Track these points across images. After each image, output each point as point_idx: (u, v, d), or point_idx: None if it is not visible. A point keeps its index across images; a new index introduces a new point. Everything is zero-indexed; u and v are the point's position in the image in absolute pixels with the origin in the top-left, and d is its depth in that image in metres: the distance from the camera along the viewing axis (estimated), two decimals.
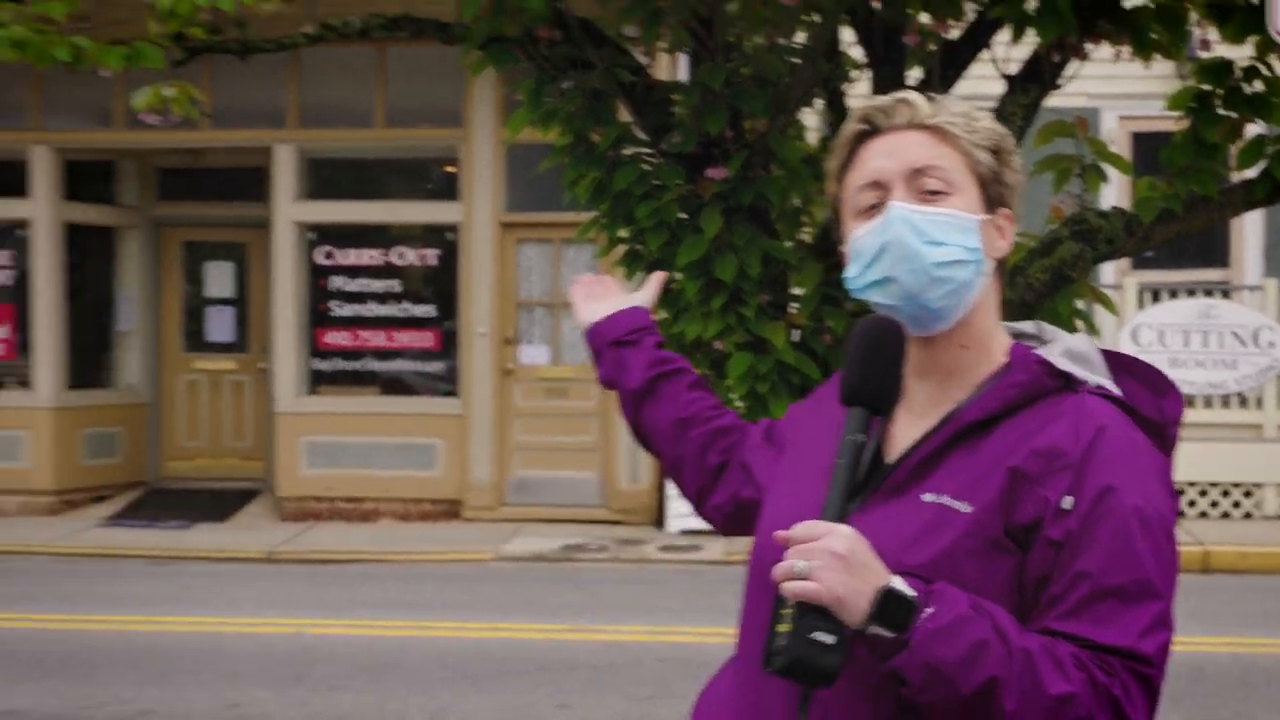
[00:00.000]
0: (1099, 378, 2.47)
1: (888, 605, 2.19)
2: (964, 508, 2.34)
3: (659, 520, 16.55)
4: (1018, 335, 2.59)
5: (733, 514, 2.93)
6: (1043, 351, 2.50)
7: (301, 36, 6.30)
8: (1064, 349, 2.51)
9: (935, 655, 2.18)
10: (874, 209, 2.47)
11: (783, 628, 2.19)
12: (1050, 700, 2.20)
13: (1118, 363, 2.53)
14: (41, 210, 17.91)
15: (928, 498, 2.38)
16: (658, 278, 3.31)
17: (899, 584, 2.21)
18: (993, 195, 2.50)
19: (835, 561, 2.18)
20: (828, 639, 2.17)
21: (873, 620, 2.19)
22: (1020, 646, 2.22)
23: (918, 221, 2.42)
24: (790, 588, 2.18)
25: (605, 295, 3.22)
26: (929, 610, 2.20)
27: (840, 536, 2.21)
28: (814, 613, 2.17)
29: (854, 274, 2.49)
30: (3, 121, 18.10)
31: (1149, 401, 2.47)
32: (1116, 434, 2.38)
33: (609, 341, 3.09)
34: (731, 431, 2.99)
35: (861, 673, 2.27)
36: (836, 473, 2.33)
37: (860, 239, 2.48)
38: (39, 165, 17.87)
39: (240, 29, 6.28)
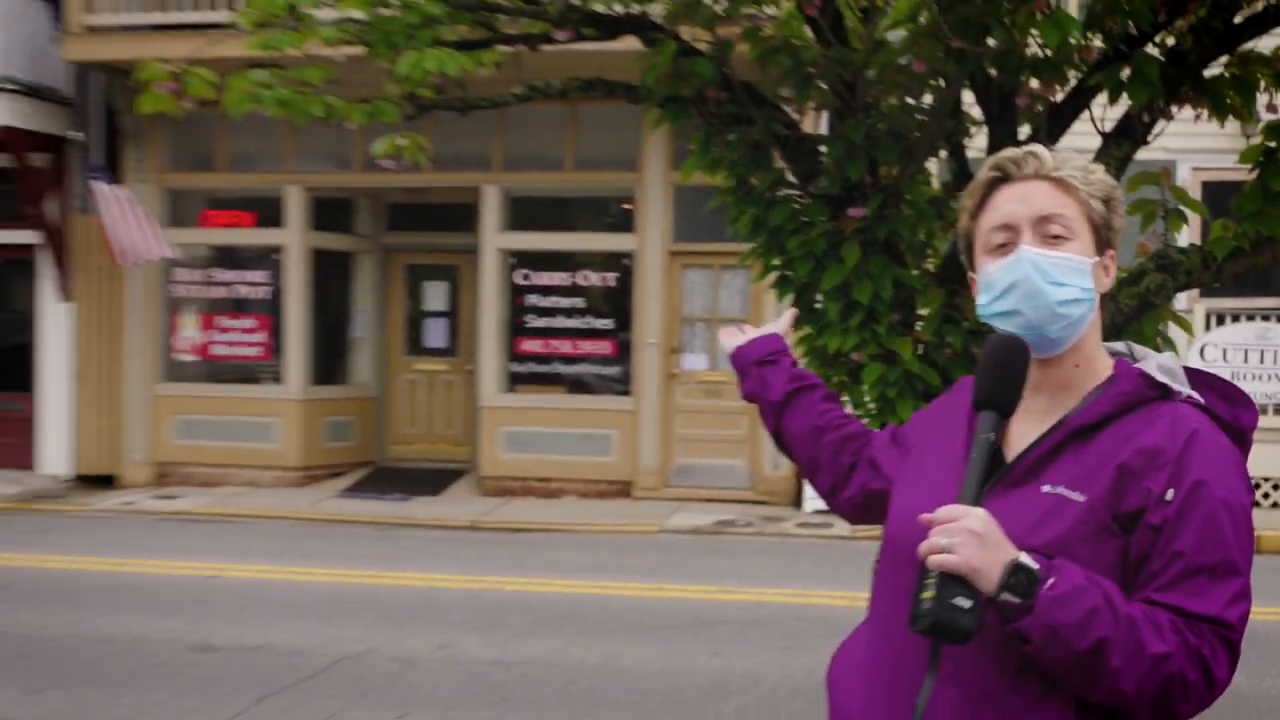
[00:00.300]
0: (1188, 389, 2.47)
1: (1016, 575, 2.21)
2: (1078, 497, 2.35)
3: (797, 501, 16.47)
4: (1113, 354, 2.57)
5: (860, 505, 2.93)
6: (1142, 365, 2.50)
7: (512, 96, 6.34)
8: (1157, 364, 2.51)
9: (1055, 619, 2.21)
10: (1003, 248, 2.47)
11: (927, 595, 2.20)
12: (1150, 658, 2.23)
13: (1199, 378, 2.53)
14: (294, 238, 18.21)
15: (1046, 489, 2.38)
16: (790, 314, 3.35)
17: (1025, 558, 2.23)
18: (1103, 239, 2.50)
19: (973, 538, 2.20)
20: (965, 604, 2.19)
21: (1003, 589, 2.21)
22: (1125, 613, 2.24)
23: (1043, 264, 2.42)
24: (935, 560, 2.19)
25: (746, 331, 3.24)
26: (1050, 580, 2.22)
27: (977, 517, 2.22)
28: (954, 582, 2.19)
29: (984, 302, 2.50)
30: (265, 165, 18.42)
31: (1226, 410, 2.47)
32: (1206, 436, 2.39)
33: (752, 361, 3.10)
34: (859, 436, 3.00)
35: (987, 633, 2.26)
36: (971, 465, 2.34)
37: (992, 273, 2.48)
38: (292, 201, 18.17)
39: (462, 90, 6.34)
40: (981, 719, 2.35)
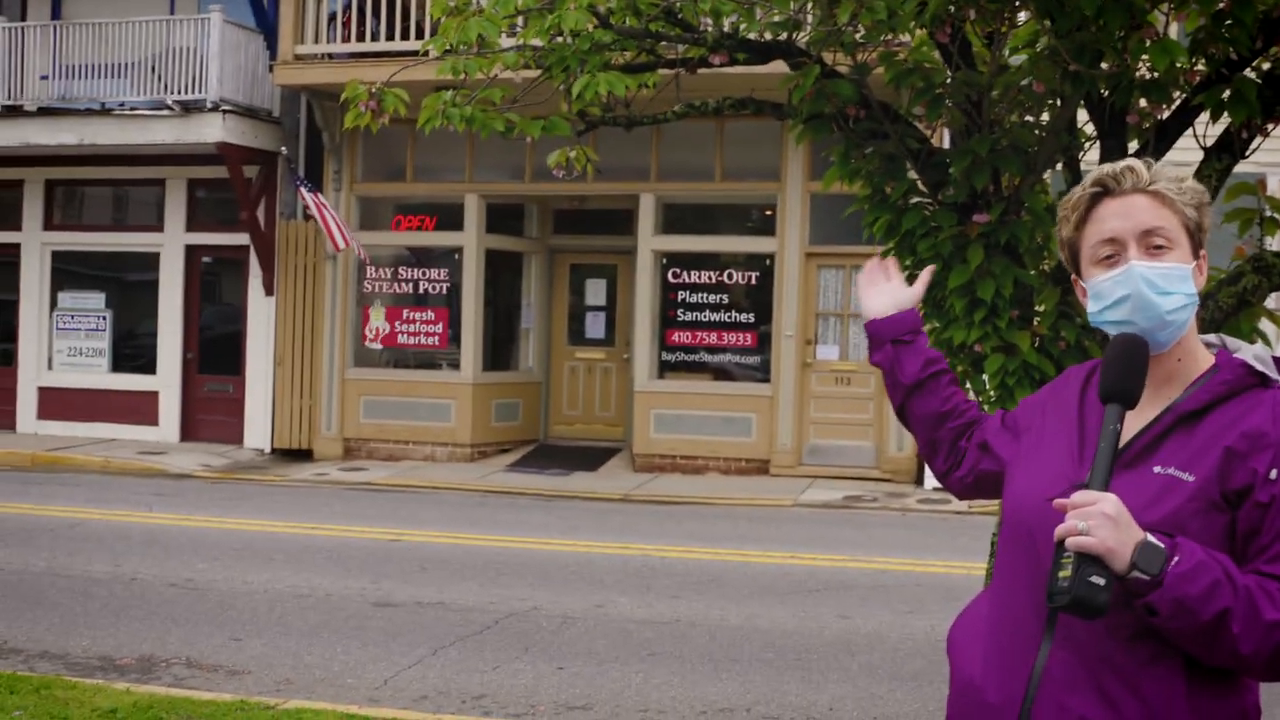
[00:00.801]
0: None
1: (1145, 554, 2.22)
2: (1188, 477, 2.35)
3: (918, 479, 16.38)
4: (1207, 345, 2.55)
5: (972, 484, 2.88)
6: (1240, 355, 2.48)
7: (672, 113, 6.42)
8: (1253, 354, 2.48)
9: (1182, 592, 2.22)
10: (1110, 259, 2.45)
11: (1064, 574, 2.21)
12: (1265, 624, 2.24)
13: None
14: (470, 240, 18.49)
15: (1157, 469, 2.38)
16: (928, 272, 3.16)
17: (1152, 538, 2.24)
18: (1197, 241, 2.48)
19: (1107, 521, 2.21)
20: (1100, 581, 2.19)
21: (1133, 567, 2.22)
22: (1243, 584, 2.25)
23: (1152, 277, 2.40)
24: (1074, 542, 2.20)
25: (886, 284, 3.02)
26: (1176, 559, 2.23)
27: (1110, 502, 2.23)
28: (1090, 561, 2.20)
29: (1095, 310, 2.49)
30: (447, 176, 18.76)
31: None
32: None
33: (889, 338, 2.96)
34: (976, 423, 2.92)
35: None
36: (1099, 453, 2.33)
37: (1102, 284, 2.46)
38: (470, 207, 18.45)
39: (626, 108, 6.43)
40: (1097, 679, 2.36)
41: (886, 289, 3.01)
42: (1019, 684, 2.43)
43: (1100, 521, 2.20)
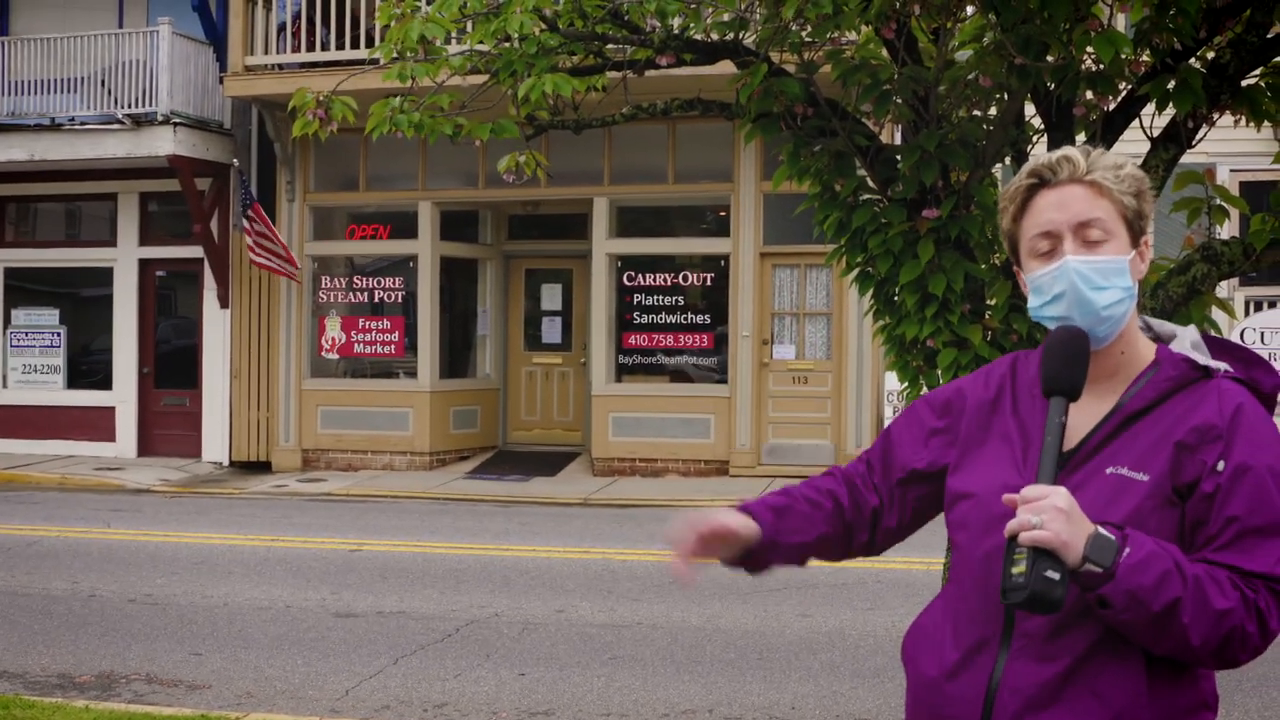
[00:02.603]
0: (1222, 364, 2.44)
1: (1097, 546, 2.20)
2: (1141, 476, 2.34)
3: None
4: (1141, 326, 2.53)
5: (910, 521, 2.75)
6: (1176, 347, 2.46)
7: (620, 115, 6.37)
8: (1190, 342, 2.48)
9: (1134, 583, 2.20)
10: (1049, 254, 2.42)
11: (1017, 570, 2.18)
12: (1215, 613, 2.23)
13: (1217, 345, 2.51)
14: (425, 247, 18.41)
15: (1110, 470, 2.37)
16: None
17: (1103, 530, 2.22)
18: (1136, 230, 2.44)
19: (1060, 515, 2.18)
20: (1055, 575, 2.17)
21: (1086, 560, 2.19)
22: (1192, 573, 2.24)
23: (1087, 272, 2.37)
24: (1028, 536, 2.17)
25: (715, 542, 2.63)
26: (1127, 550, 2.21)
27: (1061, 495, 2.21)
28: (1045, 556, 2.17)
29: (1035, 305, 2.45)
30: (401, 184, 18.69)
31: (1244, 372, 2.45)
32: (1249, 411, 2.37)
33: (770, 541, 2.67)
34: (856, 485, 2.73)
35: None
36: (1046, 448, 2.31)
37: (1040, 278, 2.43)
38: (424, 214, 18.38)
39: (575, 111, 6.38)
40: (1054, 686, 2.34)
41: (720, 543, 2.64)
42: (977, 691, 2.41)
43: (1053, 515, 2.18)
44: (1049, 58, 5.22)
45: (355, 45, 17.11)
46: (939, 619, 2.57)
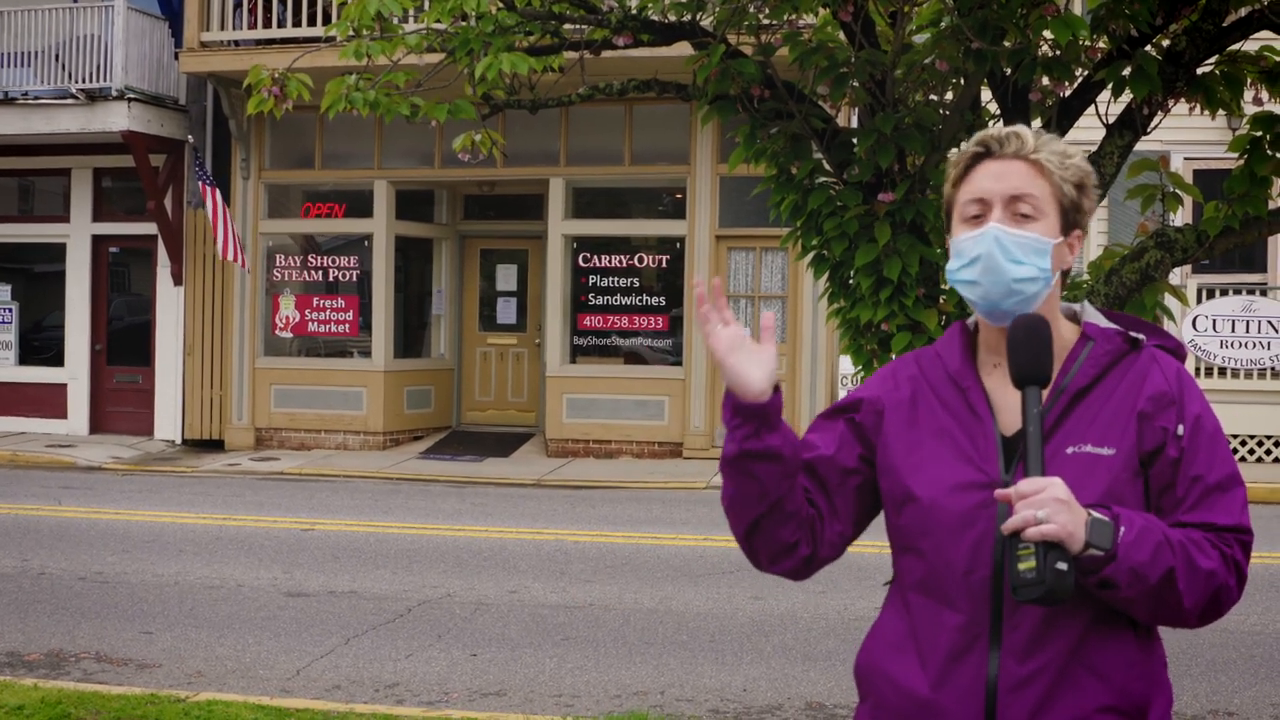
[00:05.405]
0: (1141, 334, 2.47)
1: (1096, 530, 2.20)
2: (1108, 451, 2.35)
3: None
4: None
5: (855, 525, 2.61)
6: (1087, 319, 2.48)
7: (576, 96, 6.32)
8: (1090, 314, 2.51)
9: (1134, 560, 2.22)
10: (977, 219, 2.41)
11: (1026, 565, 2.16)
12: (1203, 574, 2.27)
13: (1112, 318, 2.53)
14: (380, 227, 18.27)
15: (1071, 450, 2.35)
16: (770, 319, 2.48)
17: (1097, 513, 2.22)
18: (1070, 220, 2.44)
19: (1061, 505, 2.17)
20: (1064, 566, 2.15)
21: (1088, 545, 2.19)
22: (1178, 540, 2.27)
23: (1006, 242, 2.36)
24: (1035, 531, 2.15)
25: (755, 348, 2.42)
26: (1122, 529, 2.22)
27: (1059, 486, 2.19)
28: (1052, 548, 2.15)
29: (953, 268, 2.44)
30: (356, 163, 18.52)
31: (1170, 340, 2.51)
32: (1184, 373, 2.45)
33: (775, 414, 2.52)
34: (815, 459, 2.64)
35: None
36: (1030, 439, 2.27)
37: (962, 242, 2.41)
38: (379, 194, 18.24)
39: (531, 91, 6.33)
40: (1052, 674, 2.31)
41: (759, 356, 2.44)
42: (976, 694, 2.35)
43: (1056, 507, 2.17)
44: (1006, 42, 5.22)
45: (312, 22, 16.94)
46: (901, 631, 2.48)
